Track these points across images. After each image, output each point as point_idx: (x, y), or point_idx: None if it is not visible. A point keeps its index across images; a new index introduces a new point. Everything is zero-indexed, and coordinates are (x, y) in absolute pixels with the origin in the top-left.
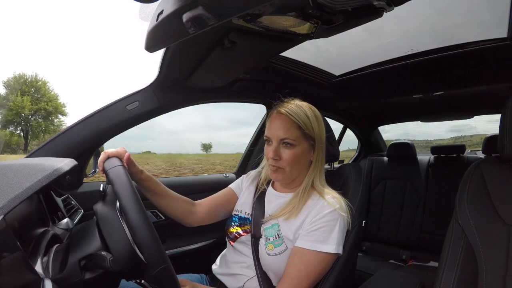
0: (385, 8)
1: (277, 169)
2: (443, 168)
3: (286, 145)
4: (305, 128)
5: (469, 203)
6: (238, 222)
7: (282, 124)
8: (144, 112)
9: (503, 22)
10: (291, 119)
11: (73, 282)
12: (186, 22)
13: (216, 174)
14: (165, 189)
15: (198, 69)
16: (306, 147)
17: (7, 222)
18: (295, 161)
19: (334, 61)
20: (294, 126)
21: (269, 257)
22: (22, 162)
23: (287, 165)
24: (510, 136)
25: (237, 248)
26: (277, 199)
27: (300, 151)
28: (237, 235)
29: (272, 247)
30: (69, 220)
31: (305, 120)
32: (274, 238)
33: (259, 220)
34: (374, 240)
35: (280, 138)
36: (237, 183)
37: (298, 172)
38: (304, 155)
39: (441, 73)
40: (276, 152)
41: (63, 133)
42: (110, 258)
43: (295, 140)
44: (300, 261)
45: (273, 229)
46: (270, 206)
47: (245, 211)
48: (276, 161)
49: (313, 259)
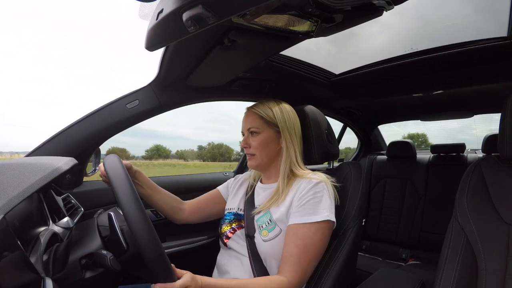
0: (385, 7)
1: (250, 156)
2: (443, 167)
3: (253, 134)
4: (267, 116)
5: (469, 202)
6: (230, 219)
7: (248, 117)
8: (144, 110)
9: (503, 21)
10: (254, 111)
11: (74, 281)
12: (186, 21)
13: (216, 173)
14: (155, 184)
15: (198, 68)
16: (271, 133)
17: (8, 221)
18: (262, 146)
19: (334, 59)
20: (256, 117)
21: (265, 243)
22: (22, 161)
23: (256, 151)
24: (510, 136)
25: (231, 246)
26: (264, 191)
27: (265, 137)
28: (230, 232)
29: (266, 233)
30: (69, 219)
31: (265, 110)
32: (267, 224)
33: (251, 213)
34: (374, 239)
35: (247, 129)
36: (224, 185)
37: (269, 158)
38: (270, 141)
39: (441, 72)
40: (246, 141)
41: (63, 132)
42: (110, 257)
43: (258, 128)
44: (295, 237)
45: (265, 216)
46: (259, 198)
47: (238, 207)
48: (247, 149)
49: (307, 231)
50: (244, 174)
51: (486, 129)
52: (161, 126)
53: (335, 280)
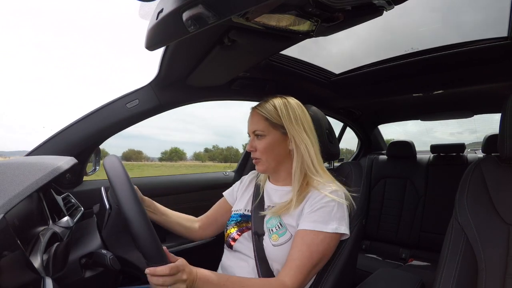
0: (385, 6)
1: (257, 160)
2: (443, 167)
3: (258, 137)
4: (272, 118)
5: (469, 202)
6: (237, 220)
7: (252, 119)
8: (144, 110)
9: (504, 21)
10: (258, 112)
11: (74, 280)
12: (186, 21)
13: (216, 172)
14: (165, 208)
15: (198, 67)
16: (277, 135)
17: (8, 221)
18: (268, 150)
19: (334, 59)
20: (261, 118)
21: (274, 248)
22: (22, 160)
23: (262, 155)
24: (510, 136)
25: (237, 249)
26: (275, 192)
27: (271, 140)
28: (237, 234)
29: (276, 238)
30: (69, 219)
31: (270, 111)
32: (277, 227)
33: (259, 213)
34: (374, 239)
35: (252, 132)
36: (229, 191)
37: (277, 161)
38: (277, 143)
39: (441, 72)
40: (252, 144)
41: (63, 131)
42: (110, 257)
43: (263, 131)
44: (301, 242)
45: (274, 219)
46: (270, 199)
47: (245, 208)
48: (253, 152)
49: (315, 238)
50: (250, 174)
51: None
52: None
53: (335, 280)
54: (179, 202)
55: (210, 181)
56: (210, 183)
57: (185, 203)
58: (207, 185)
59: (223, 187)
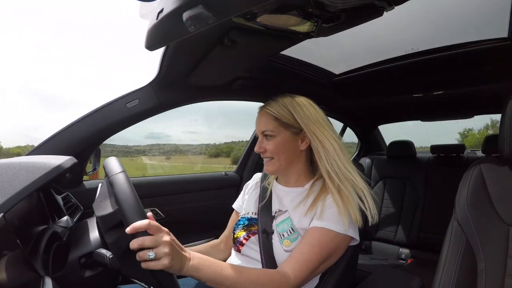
0: (385, 7)
1: (268, 160)
2: (443, 167)
3: (267, 137)
4: (281, 117)
5: (469, 202)
6: (244, 224)
7: (261, 118)
8: (144, 110)
9: (504, 22)
10: (267, 112)
11: (73, 280)
12: (186, 21)
13: (216, 172)
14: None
15: (198, 67)
16: (287, 135)
17: (7, 220)
18: (278, 150)
19: (334, 59)
20: (270, 118)
21: (287, 254)
22: (22, 159)
23: (273, 154)
24: (510, 136)
25: (245, 253)
26: (286, 194)
27: (281, 140)
28: (245, 239)
29: (288, 243)
30: (69, 218)
31: (279, 111)
32: (288, 232)
33: (268, 216)
34: (374, 239)
35: (261, 132)
36: (237, 201)
37: (288, 161)
38: (288, 143)
39: (441, 72)
40: (260, 145)
41: (63, 131)
42: (109, 256)
43: (273, 131)
44: (311, 238)
45: (285, 223)
46: (279, 202)
47: (252, 211)
48: (263, 153)
49: (325, 235)
50: (253, 179)
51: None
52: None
53: (337, 280)
54: (179, 202)
55: (210, 181)
56: (211, 183)
57: (185, 203)
58: (208, 185)
59: (224, 188)
